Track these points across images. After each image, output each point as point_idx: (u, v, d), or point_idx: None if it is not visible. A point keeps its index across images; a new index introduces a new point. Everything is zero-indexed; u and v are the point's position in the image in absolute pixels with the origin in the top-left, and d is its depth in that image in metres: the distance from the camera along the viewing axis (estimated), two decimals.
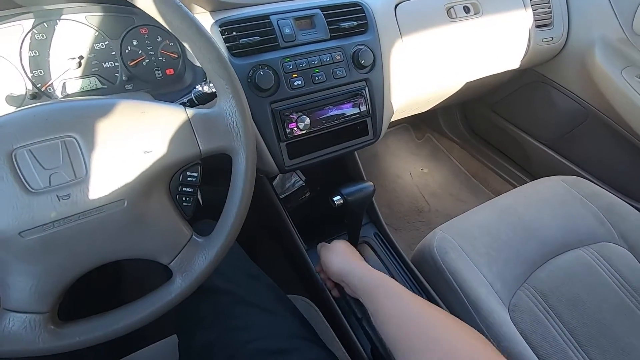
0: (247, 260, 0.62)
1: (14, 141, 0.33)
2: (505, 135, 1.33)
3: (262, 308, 0.53)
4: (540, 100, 1.14)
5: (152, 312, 0.40)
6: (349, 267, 0.53)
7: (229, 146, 0.42)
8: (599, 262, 0.68)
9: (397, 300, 0.44)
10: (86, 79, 0.60)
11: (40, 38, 0.56)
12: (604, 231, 0.73)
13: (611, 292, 0.65)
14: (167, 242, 0.41)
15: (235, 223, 0.43)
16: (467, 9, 0.83)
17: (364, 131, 0.72)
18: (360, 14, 0.69)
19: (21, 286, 0.35)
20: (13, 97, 0.56)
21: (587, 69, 0.97)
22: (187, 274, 0.42)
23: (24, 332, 0.35)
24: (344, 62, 0.67)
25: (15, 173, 0.33)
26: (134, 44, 0.62)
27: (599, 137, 1.06)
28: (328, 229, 0.81)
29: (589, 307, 0.62)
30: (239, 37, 0.60)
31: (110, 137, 0.36)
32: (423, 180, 1.46)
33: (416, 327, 0.40)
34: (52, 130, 0.34)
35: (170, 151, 0.39)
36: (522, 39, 0.91)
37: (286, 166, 0.67)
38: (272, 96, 0.62)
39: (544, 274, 0.67)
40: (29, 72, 0.56)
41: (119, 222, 0.37)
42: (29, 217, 0.33)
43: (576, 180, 0.82)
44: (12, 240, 0.33)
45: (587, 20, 0.96)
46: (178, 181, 0.42)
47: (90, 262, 0.37)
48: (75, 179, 0.35)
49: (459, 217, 0.76)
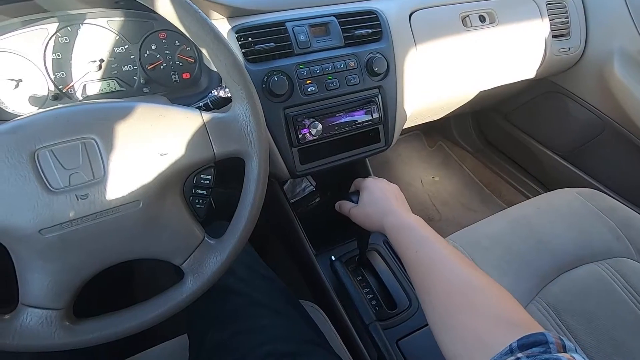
0: (260, 263, 0.62)
1: (36, 142, 0.34)
2: (519, 145, 1.31)
3: (274, 310, 0.54)
4: (555, 110, 1.13)
5: (164, 312, 0.41)
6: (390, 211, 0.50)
7: (243, 150, 0.42)
8: (614, 277, 0.66)
9: (425, 246, 0.43)
10: (105, 81, 0.62)
11: (64, 41, 0.58)
12: (620, 246, 0.71)
13: (627, 309, 0.63)
14: (180, 243, 0.42)
15: (247, 226, 0.43)
16: (482, 18, 0.83)
17: (376, 138, 0.72)
18: (374, 22, 0.70)
19: (39, 282, 0.36)
20: (36, 98, 0.58)
21: (605, 80, 0.95)
22: (198, 275, 0.42)
23: (41, 327, 0.36)
24: (357, 69, 0.67)
25: (37, 172, 0.34)
26: (153, 48, 0.63)
27: (616, 150, 1.04)
28: (337, 235, 0.81)
29: (604, 324, 0.61)
30: (255, 43, 0.61)
31: (128, 139, 0.37)
32: (434, 189, 1.45)
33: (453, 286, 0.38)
34: (73, 131, 0.36)
35: (186, 154, 0.39)
36: (538, 49, 0.90)
37: (297, 171, 0.67)
38: (285, 102, 0.63)
39: (557, 288, 0.65)
40: (52, 74, 0.58)
41: (134, 222, 0.38)
42: (49, 215, 0.34)
43: (592, 193, 0.80)
44: (32, 238, 0.34)
45: (605, 31, 0.94)
46: (192, 183, 0.43)
47: (105, 260, 0.38)
48: (94, 179, 0.36)
49: (469, 227, 0.75)
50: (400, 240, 0.46)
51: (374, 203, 0.54)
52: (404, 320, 0.64)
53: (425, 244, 0.43)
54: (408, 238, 0.45)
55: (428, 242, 0.43)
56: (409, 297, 0.67)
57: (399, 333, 0.62)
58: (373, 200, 0.54)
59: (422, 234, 0.45)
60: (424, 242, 0.44)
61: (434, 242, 0.43)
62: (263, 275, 0.59)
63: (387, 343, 0.59)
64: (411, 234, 0.45)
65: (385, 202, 0.53)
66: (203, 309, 0.54)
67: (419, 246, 0.43)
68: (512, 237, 0.71)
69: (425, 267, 0.41)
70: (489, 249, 0.69)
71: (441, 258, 0.41)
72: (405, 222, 0.48)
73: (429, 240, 0.44)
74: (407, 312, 0.65)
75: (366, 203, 0.55)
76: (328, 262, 0.72)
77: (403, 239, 0.46)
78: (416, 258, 0.43)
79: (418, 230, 0.46)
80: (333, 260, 0.71)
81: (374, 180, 0.59)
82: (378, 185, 0.57)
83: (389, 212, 0.51)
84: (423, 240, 0.44)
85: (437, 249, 0.42)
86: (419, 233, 0.45)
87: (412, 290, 0.69)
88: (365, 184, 0.58)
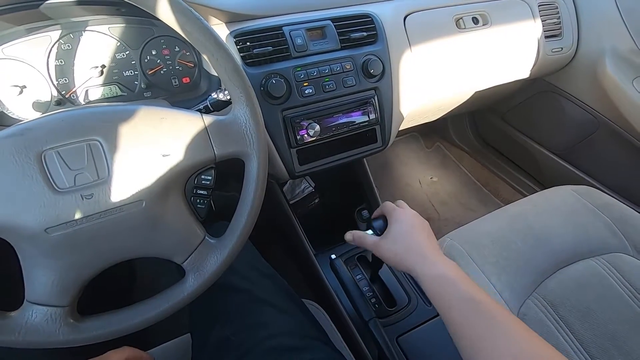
0: (261, 261, 0.63)
1: (43, 143, 0.35)
2: (515, 144, 1.33)
3: (276, 307, 0.54)
4: (551, 109, 1.14)
5: (166, 309, 0.42)
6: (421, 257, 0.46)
7: (243, 151, 0.43)
8: (610, 273, 0.67)
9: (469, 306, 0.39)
10: (107, 86, 0.63)
11: (67, 48, 0.59)
12: (616, 242, 0.72)
13: (624, 304, 0.64)
14: (182, 242, 0.42)
15: (247, 225, 0.44)
16: (476, 19, 0.85)
17: (373, 138, 0.74)
18: (370, 25, 0.71)
19: (45, 280, 0.37)
20: (39, 104, 0.60)
21: (598, 79, 0.97)
22: (199, 274, 0.43)
23: (46, 324, 0.37)
24: (353, 71, 0.68)
25: (44, 173, 0.35)
26: (153, 54, 0.64)
27: (611, 147, 1.05)
28: (336, 235, 0.82)
29: (601, 319, 0.62)
30: (253, 47, 0.63)
31: (132, 141, 0.38)
32: (433, 189, 1.46)
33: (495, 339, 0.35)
34: (79, 133, 0.37)
35: (187, 155, 0.41)
36: (532, 49, 0.92)
37: (296, 172, 0.68)
38: (283, 104, 0.64)
39: (554, 284, 0.66)
40: (55, 80, 0.59)
41: (137, 221, 0.39)
42: (55, 214, 0.35)
43: (587, 190, 0.81)
44: (38, 236, 0.35)
45: (597, 31, 0.96)
46: (193, 184, 0.44)
47: (109, 259, 0.39)
48: (98, 179, 0.37)
49: (468, 225, 0.76)
50: (440, 296, 0.42)
51: (403, 240, 0.48)
52: (404, 317, 0.65)
53: (473, 305, 0.39)
54: (449, 295, 0.41)
55: (475, 303, 0.39)
56: (407, 295, 0.68)
57: (399, 330, 0.63)
58: (402, 236, 0.49)
59: (465, 292, 0.40)
60: (471, 304, 0.39)
61: (483, 304, 0.39)
62: (264, 273, 0.60)
63: (387, 340, 0.60)
64: (452, 290, 0.41)
65: (416, 241, 0.48)
66: (206, 306, 0.55)
67: (467, 309, 0.39)
68: (510, 234, 0.72)
69: (479, 336, 0.37)
70: (487, 246, 0.70)
71: (501, 328, 0.36)
72: (441, 272, 0.43)
73: (477, 301, 0.39)
74: (407, 309, 0.66)
75: (396, 238, 0.49)
76: (328, 261, 0.73)
77: (442, 294, 0.42)
78: (465, 322, 0.38)
79: (459, 285, 0.41)
80: (333, 258, 0.72)
81: (404, 211, 0.52)
82: (409, 219, 0.51)
83: (421, 255, 0.46)
84: (470, 301, 0.39)
85: (491, 315, 0.38)
86: (461, 289, 0.41)
87: (410, 287, 0.70)
88: (396, 216, 0.51)
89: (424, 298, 0.68)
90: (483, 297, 0.40)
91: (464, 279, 0.42)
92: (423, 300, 0.68)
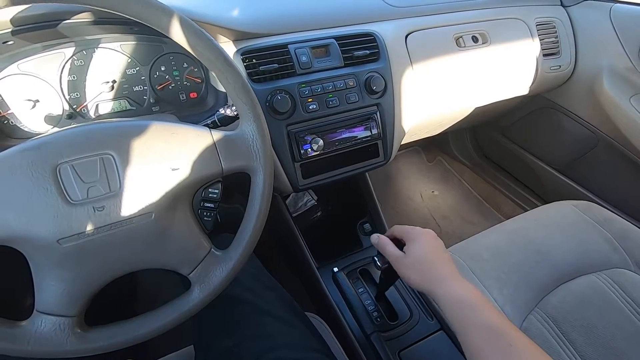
0: (265, 273, 0.64)
1: (58, 157, 0.37)
2: (516, 159, 1.34)
3: (279, 319, 0.55)
4: (550, 125, 1.16)
5: (171, 320, 0.42)
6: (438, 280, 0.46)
7: (249, 166, 0.45)
8: (612, 288, 0.67)
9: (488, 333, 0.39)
10: (117, 101, 0.65)
11: (79, 64, 0.61)
12: (618, 257, 0.72)
13: (626, 320, 0.64)
14: (188, 253, 0.43)
15: (252, 238, 0.45)
16: (475, 38, 0.87)
17: (375, 153, 0.75)
18: (372, 44, 0.73)
19: (54, 290, 0.38)
20: (51, 117, 0.61)
21: (596, 96, 0.99)
22: (205, 285, 0.44)
23: (54, 334, 0.38)
24: (356, 87, 0.70)
25: (58, 185, 0.36)
26: (162, 70, 0.67)
27: (610, 163, 1.06)
28: (339, 248, 0.83)
29: (603, 334, 0.61)
30: (259, 64, 0.65)
31: (143, 155, 0.40)
32: (434, 203, 1.47)
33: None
34: (92, 147, 0.38)
35: (195, 169, 0.42)
36: (530, 67, 0.94)
37: (300, 185, 0.69)
38: (288, 119, 0.66)
39: (556, 299, 0.66)
40: (67, 95, 0.61)
41: (146, 233, 0.40)
42: (68, 226, 0.36)
43: (588, 205, 0.82)
44: (50, 247, 0.36)
45: (594, 50, 0.98)
46: (200, 197, 0.45)
47: (117, 270, 0.40)
48: (110, 192, 0.38)
49: (469, 239, 0.76)
50: (459, 320, 0.42)
51: (424, 259, 0.49)
52: (406, 331, 0.65)
53: (491, 332, 0.39)
54: (468, 319, 0.41)
55: (493, 330, 0.39)
56: (410, 309, 0.68)
57: (401, 344, 0.63)
58: (423, 256, 0.49)
59: (484, 317, 0.41)
60: (489, 331, 0.40)
61: (501, 330, 0.39)
62: (268, 285, 0.60)
63: (389, 354, 0.59)
64: (471, 315, 0.42)
65: (436, 261, 0.48)
66: (209, 318, 0.55)
67: (485, 335, 0.40)
68: (511, 248, 0.72)
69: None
70: (489, 260, 0.70)
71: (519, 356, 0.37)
72: (460, 296, 0.44)
73: (494, 328, 0.40)
74: (408, 323, 0.66)
75: (417, 257, 0.49)
76: (330, 274, 0.73)
77: (462, 318, 0.42)
78: (483, 348, 0.39)
79: (478, 310, 0.42)
80: (335, 272, 0.72)
81: (423, 232, 0.53)
82: (430, 240, 0.51)
83: (440, 276, 0.46)
84: (488, 328, 0.40)
85: (507, 342, 0.38)
86: (479, 314, 0.41)
87: (412, 302, 0.70)
88: (415, 234, 0.52)
89: (426, 312, 0.68)
90: (501, 323, 0.40)
91: (483, 304, 0.43)
92: (425, 315, 0.68)
